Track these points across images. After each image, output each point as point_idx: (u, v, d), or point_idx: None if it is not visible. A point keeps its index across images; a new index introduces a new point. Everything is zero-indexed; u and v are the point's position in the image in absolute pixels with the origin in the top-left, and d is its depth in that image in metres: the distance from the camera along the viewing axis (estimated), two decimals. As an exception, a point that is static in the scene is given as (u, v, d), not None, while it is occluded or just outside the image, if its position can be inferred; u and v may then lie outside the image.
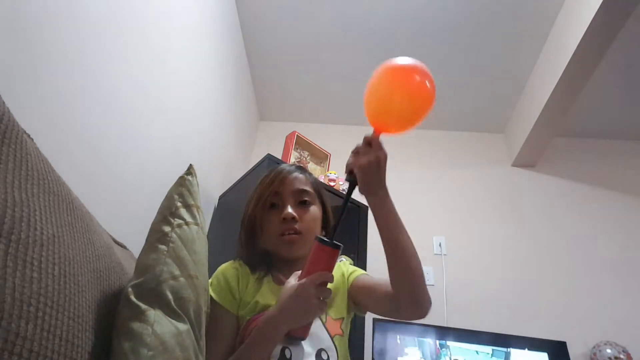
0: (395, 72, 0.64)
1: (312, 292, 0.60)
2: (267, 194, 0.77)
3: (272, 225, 0.75)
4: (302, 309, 0.61)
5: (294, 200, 0.77)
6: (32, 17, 0.74)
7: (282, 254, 0.76)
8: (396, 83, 0.64)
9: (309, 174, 0.84)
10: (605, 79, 2.13)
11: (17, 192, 0.37)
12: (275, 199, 0.77)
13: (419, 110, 0.64)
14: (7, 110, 0.40)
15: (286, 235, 0.74)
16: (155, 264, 0.53)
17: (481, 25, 2.01)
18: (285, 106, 2.66)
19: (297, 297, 0.61)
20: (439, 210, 2.33)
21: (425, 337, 1.63)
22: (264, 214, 0.77)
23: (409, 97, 0.63)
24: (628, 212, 2.30)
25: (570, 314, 1.98)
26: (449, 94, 2.42)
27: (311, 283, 0.61)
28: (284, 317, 0.61)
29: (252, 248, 0.78)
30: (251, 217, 0.77)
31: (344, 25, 2.06)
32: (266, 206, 0.77)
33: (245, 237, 0.78)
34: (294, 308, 0.61)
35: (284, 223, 0.74)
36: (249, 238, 0.78)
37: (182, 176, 0.64)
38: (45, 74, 0.79)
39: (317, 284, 0.61)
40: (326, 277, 0.62)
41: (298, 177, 0.80)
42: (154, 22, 1.22)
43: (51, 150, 0.61)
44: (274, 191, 0.77)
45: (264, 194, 0.77)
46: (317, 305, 0.61)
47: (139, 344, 0.45)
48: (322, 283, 0.62)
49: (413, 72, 0.63)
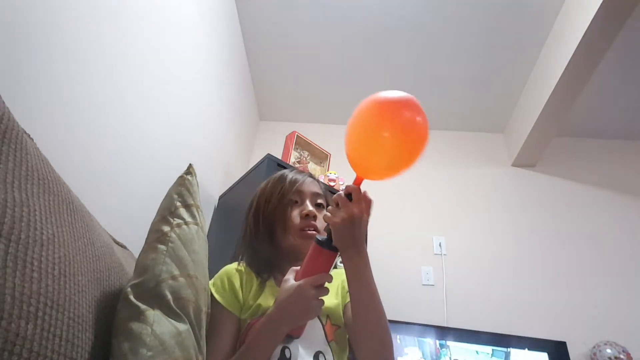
0: (382, 107, 0.57)
1: (311, 293, 0.60)
2: (291, 192, 0.79)
3: (293, 220, 0.77)
4: (302, 310, 0.61)
5: (311, 201, 0.80)
6: (31, 17, 0.74)
7: (301, 247, 0.76)
8: (384, 121, 0.56)
9: (321, 183, 0.89)
10: (605, 79, 2.13)
11: (17, 192, 0.37)
12: (296, 196, 0.80)
13: (411, 153, 0.57)
14: (7, 110, 0.40)
15: (306, 231, 0.76)
16: (155, 264, 0.53)
17: (481, 25, 2.01)
18: (285, 106, 2.66)
19: (297, 298, 0.61)
20: (439, 210, 2.33)
21: (425, 337, 1.63)
22: (285, 209, 0.79)
23: (398, 138, 0.55)
24: (628, 212, 2.30)
25: (570, 314, 1.98)
26: (449, 94, 2.42)
27: (311, 285, 0.61)
28: (284, 317, 0.62)
29: (263, 245, 0.78)
30: (271, 212, 0.78)
31: (344, 25, 2.06)
32: (288, 203, 0.79)
33: (258, 233, 0.78)
34: (293, 309, 0.61)
35: (305, 219, 0.77)
36: (264, 234, 0.78)
37: (182, 176, 0.64)
38: (45, 74, 0.79)
39: (316, 285, 0.61)
40: (325, 279, 0.62)
41: (314, 182, 0.85)
42: (153, 22, 1.22)
43: (51, 150, 0.61)
44: (298, 190, 0.80)
45: (287, 191, 0.79)
46: (315, 306, 0.61)
47: (138, 344, 0.45)
48: (321, 285, 0.62)
49: (403, 108, 0.56)
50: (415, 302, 2.03)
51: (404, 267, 2.13)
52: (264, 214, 0.79)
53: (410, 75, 2.32)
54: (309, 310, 0.62)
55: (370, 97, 0.59)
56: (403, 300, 2.01)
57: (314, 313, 0.63)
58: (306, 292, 0.60)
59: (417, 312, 1.95)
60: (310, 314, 0.63)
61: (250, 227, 0.80)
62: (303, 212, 0.77)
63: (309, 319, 0.64)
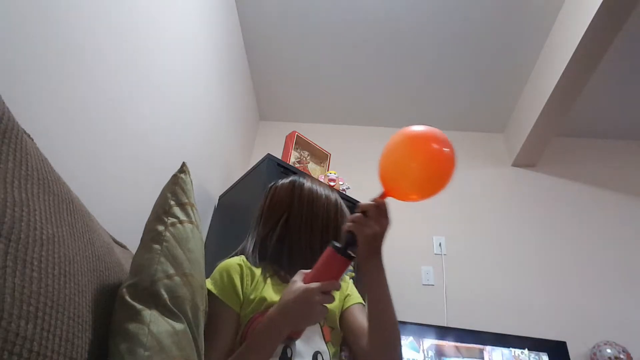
0: (428, 143, 0.66)
1: (317, 299, 0.59)
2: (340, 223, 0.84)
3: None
4: (305, 314, 0.61)
5: None
6: (31, 16, 0.74)
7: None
8: (429, 158, 0.66)
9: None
10: (606, 79, 2.13)
11: (17, 192, 0.37)
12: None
13: (436, 186, 0.67)
14: (7, 110, 0.40)
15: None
16: (150, 264, 0.52)
17: (481, 25, 2.01)
18: (285, 106, 2.66)
19: (302, 301, 0.60)
20: (439, 210, 2.33)
21: (425, 337, 1.63)
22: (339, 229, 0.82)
23: (437, 172, 0.66)
24: (628, 212, 2.30)
25: (570, 314, 1.98)
26: (449, 94, 2.42)
27: (318, 290, 0.60)
28: (286, 319, 0.61)
29: (299, 245, 0.79)
30: (327, 225, 0.82)
31: (344, 24, 2.06)
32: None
33: (301, 232, 0.80)
34: (297, 312, 0.61)
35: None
36: (307, 234, 0.80)
37: (175, 174, 0.64)
38: (45, 73, 0.79)
39: (324, 291, 0.60)
40: (334, 287, 0.62)
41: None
42: (153, 22, 1.22)
43: (51, 151, 0.61)
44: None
45: (342, 221, 0.83)
46: (320, 311, 0.61)
47: (135, 345, 0.45)
48: (328, 292, 0.62)
49: (445, 145, 0.66)
50: (415, 302, 2.03)
51: (404, 267, 2.13)
52: (324, 222, 0.81)
53: (411, 75, 2.32)
54: (311, 315, 0.61)
55: (417, 129, 0.66)
56: (403, 300, 2.01)
57: (316, 318, 0.63)
58: (312, 296, 0.59)
59: (417, 312, 1.94)
60: (313, 319, 0.63)
61: (298, 224, 0.80)
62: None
63: (310, 324, 0.64)
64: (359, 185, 2.10)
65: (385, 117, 2.62)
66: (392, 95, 2.47)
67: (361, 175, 2.10)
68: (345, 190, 1.96)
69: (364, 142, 2.58)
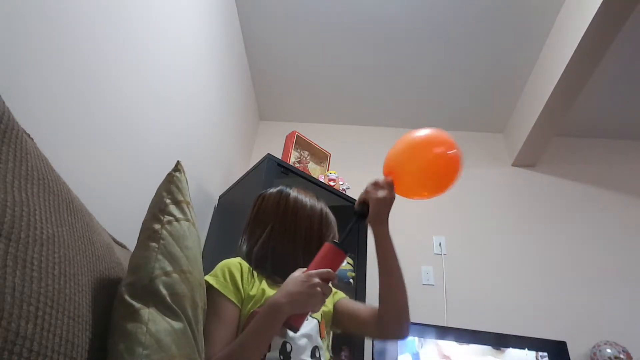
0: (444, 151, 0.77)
1: (317, 281, 0.63)
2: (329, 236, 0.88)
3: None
4: (307, 294, 0.63)
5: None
6: (30, 16, 0.75)
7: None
8: (439, 162, 0.77)
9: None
10: (605, 79, 2.13)
11: (17, 191, 0.37)
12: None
13: (442, 185, 0.80)
14: (7, 110, 0.40)
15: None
16: (147, 262, 0.52)
17: (481, 25, 2.01)
18: (285, 106, 2.66)
19: (303, 282, 0.64)
20: (439, 210, 2.33)
21: (425, 337, 1.63)
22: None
23: (444, 171, 0.77)
24: (628, 212, 2.29)
25: (570, 314, 1.98)
26: (449, 94, 2.42)
27: (318, 274, 0.64)
28: (288, 299, 0.63)
29: (296, 252, 0.81)
30: (317, 234, 0.85)
31: (344, 25, 2.06)
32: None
33: (294, 239, 0.82)
34: (299, 291, 0.63)
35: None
36: (299, 244, 0.82)
37: (170, 173, 0.64)
38: (45, 74, 0.79)
39: (322, 277, 0.64)
40: (332, 276, 0.66)
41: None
42: (153, 22, 1.22)
43: (51, 150, 0.61)
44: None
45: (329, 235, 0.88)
46: (320, 294, 0.63)
47: (133, 344, 0.45)
48: (326, 279, 0.65)
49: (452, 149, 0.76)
50: (415, 302, 2.02)
51: (404, 267, 2.12)
52: (307, 231, 0.84)
53: (410, 75, 2.32)
54: (312, 295, 0.63)
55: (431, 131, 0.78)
56: (403, 300, 2.01)
57: (316, 301, 0.64)
58: (312, 279, 0.64)
59: (417, 312, 1.94)
60: (313, 300, 0.64)
61: (294, 230, 0.82)
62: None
63: (310, 307, 0.65)
64: (359, 185, 2.09)
65: (386, 117, 2.62)
66: (392, 95, 2.47)
67: (361, 175, 2.09)
68: (345, 190, 1.96)
69: (364, 142, 2.58)
